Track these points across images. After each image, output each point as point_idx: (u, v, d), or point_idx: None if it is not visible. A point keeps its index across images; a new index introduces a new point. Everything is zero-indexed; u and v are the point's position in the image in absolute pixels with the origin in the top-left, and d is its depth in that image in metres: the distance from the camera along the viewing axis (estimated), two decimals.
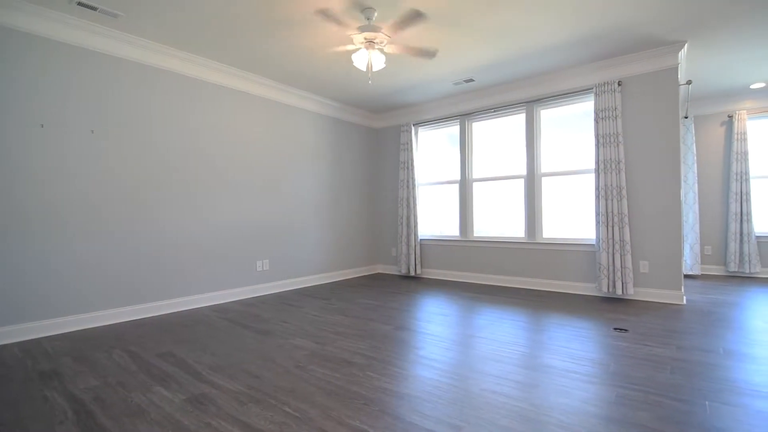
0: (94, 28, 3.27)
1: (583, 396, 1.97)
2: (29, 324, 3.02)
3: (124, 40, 3.47)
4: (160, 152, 3.77)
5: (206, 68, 4.08)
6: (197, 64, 3.98)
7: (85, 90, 3.31)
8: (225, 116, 4.30)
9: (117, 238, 3.48)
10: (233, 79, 4.33)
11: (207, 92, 4.14)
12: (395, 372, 2.31)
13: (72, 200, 3.24)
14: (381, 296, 4.46)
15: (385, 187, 6.33)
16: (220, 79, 4.22)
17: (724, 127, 5.73)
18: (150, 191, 3.70)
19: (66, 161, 3.21)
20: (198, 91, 4.06)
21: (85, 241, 3.31)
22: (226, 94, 4.31)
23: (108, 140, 3.44)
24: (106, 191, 3.43)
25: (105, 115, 3.43)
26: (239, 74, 4.32)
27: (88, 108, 3.33)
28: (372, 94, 5.27)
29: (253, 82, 4.51)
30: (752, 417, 1.76)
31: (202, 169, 4.09)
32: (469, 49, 3.89)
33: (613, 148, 4.15)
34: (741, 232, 5.44)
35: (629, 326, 3.16)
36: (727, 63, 4.34)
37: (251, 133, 4.56)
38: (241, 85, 4.42)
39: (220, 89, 4.25)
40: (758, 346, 2.68)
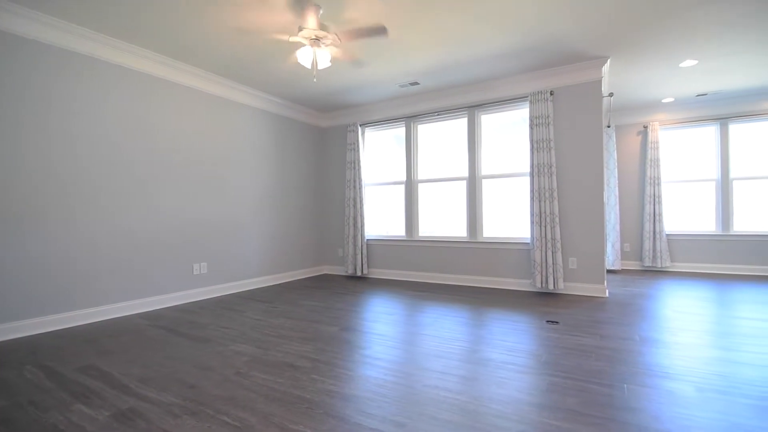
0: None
1: (518, 386, 2.09)
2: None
3: (24, 15, 3.12)
4: (73, 146, 3.43)
5: (129, 54, 3.77)
6: (115, 48, 3.67)
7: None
8: (156, 109, 4.01)
9: (27, 241, 3.12)
10: (165, 69, 4.05)
11: (130, 80, 3.84)
12: (340, 373, 2.29)
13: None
14: (327, 297, 4.41)
15: (331, 186, 6.27)
16: (149, 68, 3.93)
17: (641, 136, 6.36)
18: (64, 189, 3.35)
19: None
20: (119, 79, 3.75)
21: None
22: (156, 84, 4.02)
23: (3, 130, 3.07)
24: (14, 190, 3.06)
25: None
26: (171, 63, 4.06)
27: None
28: (318, 93, 5.20)
29: (191, 74, 4.25)
30: (663, 396, 1.96)
31: (129, 166, 3.78)
32: (413, 54, 3.97)
33: (546, 153, 4.44)
34: (654, 230, 6.07)
35: (560, 318, 3.40)
36: (643, 79, 4.83)
37: (188, 128, 4.30)
38: (176, 76, 4.15)
39: (148, 79, 3.96)
40: (668, 332, 3.00)
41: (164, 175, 4.06)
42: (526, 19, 3.33)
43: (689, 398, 1.93)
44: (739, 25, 3.46)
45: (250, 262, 5.01)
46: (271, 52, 3.89)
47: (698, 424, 1.70)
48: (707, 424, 1.70)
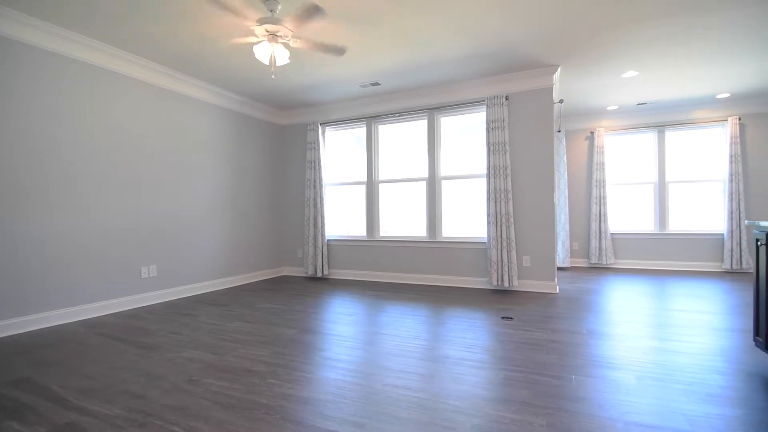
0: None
1: (474, 381, 2.15)
2: None
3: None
4: (7, 140, 3.14)
5: (66, 41, 3.51)
6: (50, 33, 3.41)
7: None
8: (100, 103, 3.75)
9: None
10: (110, 59, 3.80)
11: (66, 70, 3.57)
12: (299, 377, 2.25)
13: None
14: (286, 299, 4.31)
15: (291, 186, 6.15)
16: (90, 57, 3.68)
17: (588, 141, 6.75)
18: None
19: None
20: (62, 69, 3.48)
21: None
22: (99, 75, 3.76)
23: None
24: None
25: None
26: (121, 55, 3.82)
27: None
28: (277, 90, 5.09)
29: (140, 66, 4.02)
30: (607, 385, 2.09)
31: (65, 164, 3.52)
32: (374, 54, 3.98)
33: (502, 156, 4.60)
34: (600, 230, 6.46)
35: (514, 314, 3.53)
36: (590, 87, 5.12)
37: (136, 124, 4.06)
38: (123, 67, 3.90)
39: (89, 69, 3.70)
40: (611, 325, 3.19)
41: (109, 174, 3.81)
42: (484, 25, 3.44)
43: (630, 386, 2.07)
44: (675, 41, 3.75)
45: (204, 264, 4.81)
46: (227, 46, 3.76)
47: (638, 409, 1.82)
48: (645, 409, 1.83)
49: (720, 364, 2.35)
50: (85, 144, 3.62)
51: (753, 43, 3.82)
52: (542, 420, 1.74)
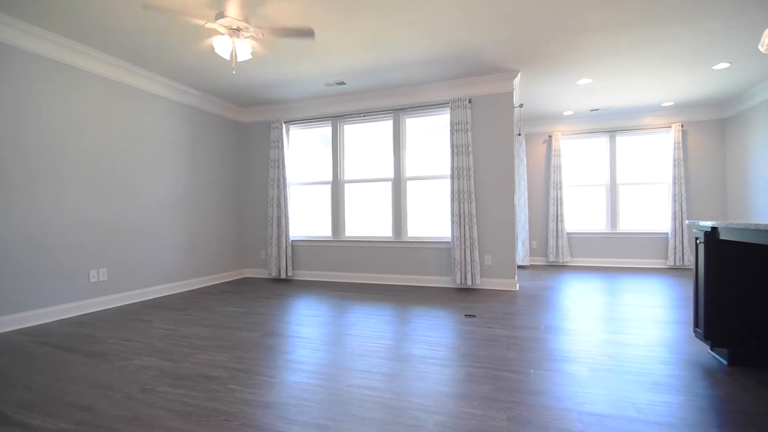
0: None
1: (438, 378, 2.17)
2: None
3: None
4: None
5: (5, 27, 3.25)
6: (6, 24, 3.14)
7: None
8: (48, 95, 3.49)
9: None
10: (57, 49, 3.55)
11: (17, 61, 3.31)
12: (261, 381, 2.19)
13: None
14: (248, 302, 4.19)
15: (254, 185, 5.98)
16: (35, 47, 3.42)
17: (546, 145, 7.03)
18: None
19: None
20: (3, 59, 3.21)
21: None
22: (42, 66, 3.50)
23: None
24: None
25: None
26: (65, 43, 3.57)
27: None
28: (238, 86, 4.94)
29: (91, 57, 3.77)
30: (564, 378, 2.18)
31: (2, 158, 3.24)
32: (339, 53, 3.95)
33: (465, 157, 4.70)
34: (557, 229, 6.74)
35: (477, 312, 3.61)
36: (547, 92, 5.34)
37: (85, 119, 3.80)
38: (72, 58, 3.65)
39: (32, 59, 3.44)
40: (568, 320, 3.34)
41: (53, 172, 3.55)
42: (448, 29, 3.49)
43: (584, 378, 2.17)
44: (624, 51, 3.98)
45: (159, 267, 4.59)
46: (186, 38, 3.60)
47: (591, 400, 1.91)
48: (598, 399, 1.92)
49: (664, 354, 2.52)
50: (27, 139, 3.36)
51: (690, 56, 4.12)
52: (503, 414, 1.79)
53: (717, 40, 3.77)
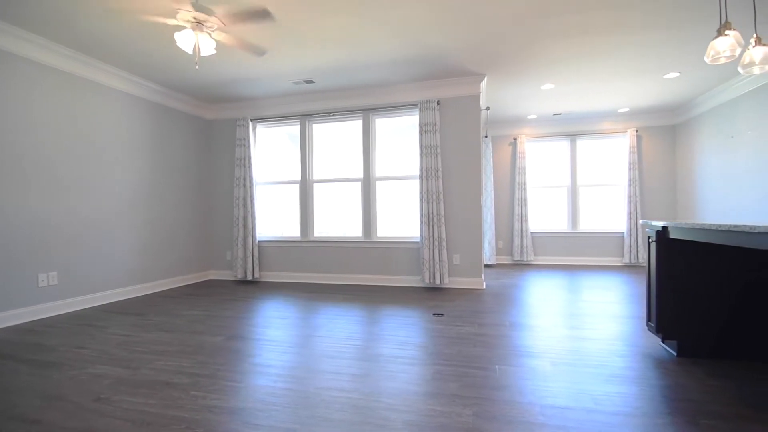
0: None
1: (407, 378, 2.19)
2: None
3: None
4: None
5: None
6: None
7: None
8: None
9: None
10: (14, 42, 3.30)
11: None
12: (225, 386, 2.12)
13: None
14: (212, 305, 4.06)
15: (218, 185, 5.80)
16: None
17: (511, 147, 7.23)
18: None
19: None
20: None
21: None
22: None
23: None
24: None
25: None
26: (13, 32, 3.32)
27: None
28: (202, 82, 4.77)
29: (44, 48, 3.53)
30: (527, 373, 2.24)
31: None
32: (308, 52, 3.90)
33: (434, 158, 4.76)
34: (522, 229, 6.95)
35: (445, 311, 3.67)
36: (513, 96, 5.49)
37: (35, 112, 3.55)
38: (22, 49, 3.40)
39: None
40: (531, 317, 3.45)
41: (15, 167, 3.30)
42: (417, 31, 3.52)
43: (547, 372, 2.24)
44: (584, 59, 4.16)
45: (117, 270, 4.36)
46: (147, 31, 3.45)
47: (553, 393, 1.98)
48: (559, 392, 1.99)
49: (620, 347, 2.65)
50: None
51: (644, 65, 4.36)
52: (469, 410, 1.82)
53: (668, 51, 4.01)
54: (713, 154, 5.52)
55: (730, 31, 2.30)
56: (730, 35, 2.30)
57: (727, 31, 2.31)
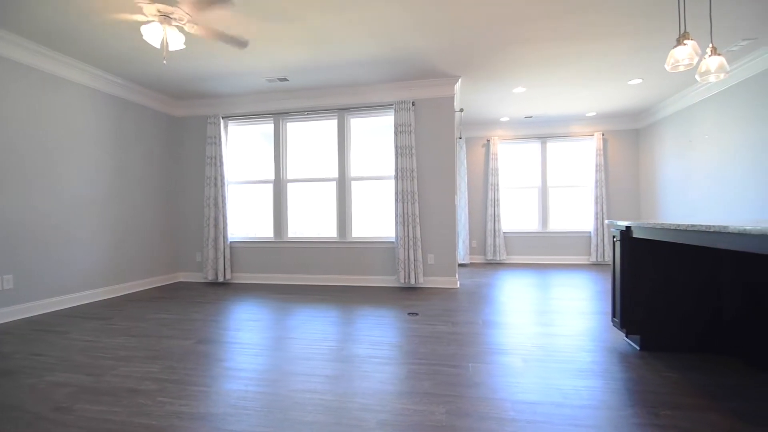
0: None
1: (381, 377, 2.19)
2: None
3: None
4: None
5: None
6: None
7: None
8: None
9: None
10: None
11: None
12: (195, 392, 2.06)
13: None
14: (181, 308, 3.94)
15: (188, 184, 5.63)
16: None
17: (484, 148, 7.37)
18: None
19: None
20: None
21: None
22: None
23: None
24: None
25: None
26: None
27: None
28: (171, 77, 4.62)
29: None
30: (499, 370, 2.29)
31: None
32: (282, 48, 3.84)
33: (409, 159, 4.79)
34: (494, 229, 7.09)
35: (419, 310, 3.69)
36: (486, 99, 5.59)
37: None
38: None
39: None
40: (504, 315, 3.52)
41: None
42: (392, 32, 3.53)
43: (518, 369, 2.30)
44: (553, 64, 4.28)
45: (78, 273, 4.16)
46: (113, 24, 3.30)
47: (524, 389, 2.03)
48: (530, 388, 2.04)
49: (587, 343, 2.74)
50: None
51: (609, 71, 4.53)
52: (442, 408, 1.84)
53: (632, 58, 4.18)
54: (673, 158, 5.80)
55: (689, 40, 2.42)
56: (688, 45, 2.42)
57: (685, 40, 2.43)
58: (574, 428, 1.66)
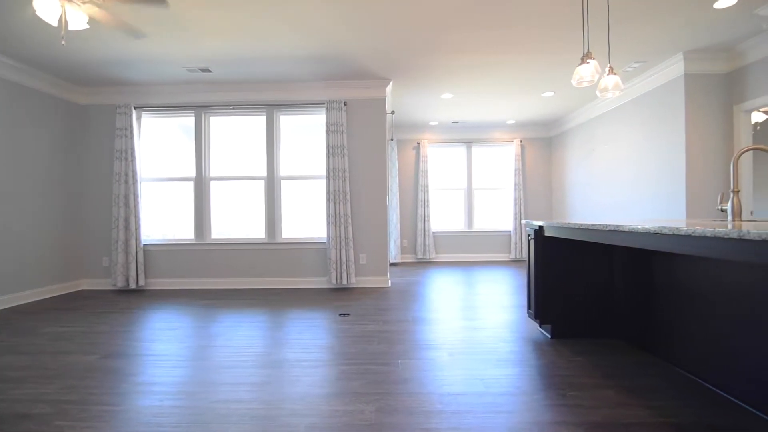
0: None
1: (311, 381, 2.15)
2: None
3: None
4: None
5: None
6: None
7: None
8: None
9: None
10: None
11: None
12: (100, 412, 1.85)
13: None
14: (83, 319, 3.52)
15: (93, 180, 5.04)
16: None
17: (415, 151, 7.59)
18: None
19: None
20: None
21: None
22: None
23: None
24: None
25: None
26: None
27: None
28: (72, 60, 4.10)
29: None
30: (427, 365, 2.37)
31: None
32: (202, 37, 3.60)
33: (340, 159, 4.77)
34: (424, 229, 7.34)
35: (351, 310, 3.69)
36: (415, 103, 5.76)
37: None
38: None
39: None
40: (432, 311, 3.65)
41: None
42: (319, 30, 3.48)
43: (445, 363, 2.39)
44: (476, 73, 4.54)
45: None
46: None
47: (450, 381, 2.12)
48: (455, 380, 2.14)
49: (506, 334, 2.95)
50: None
51: (526, 83, 4.93)
52: (372, 407, 1.85)
53: (545, 73, 4.58)
54: (579, 164, 6.46)
55: (591, 60, 2.71)
56: (591, 63, 2.70)
57: (588, 59, 2.71)
58: (495, 415, 1.77)
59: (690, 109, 4.08)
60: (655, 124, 4.55)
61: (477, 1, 3.06)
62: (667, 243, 1.50)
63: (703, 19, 3.35)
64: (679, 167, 4.18)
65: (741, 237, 1.15)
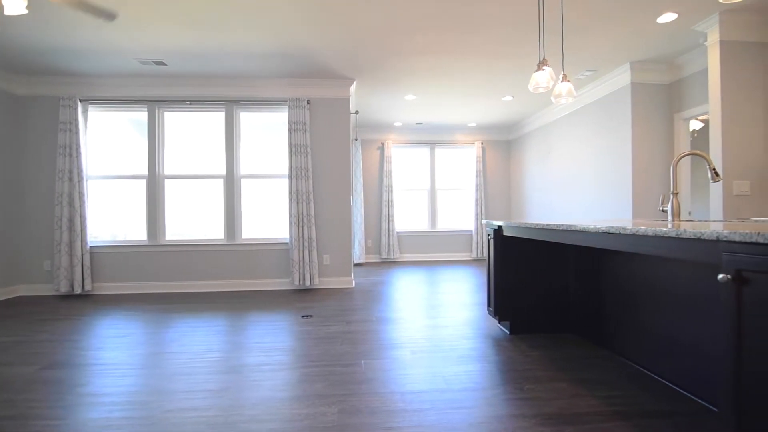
0: None
1: (272, 385, 2.10)
2: None
3: None
4: None
5: None
6: None
7: None
8: None
9: None
10: None
11: None
12: (41, 426, 1.71)
13: None
14: (21, 328, 3.25)
15: (32, 178, 4.66)
16: None
17: (379, 151, 7.61)
18: None
19: None
20: None
21: None
22: None
23: None
24: None
25: None
26: None
27: None
28: (9, 46, 3.78)
29: None
30: (390, 364, 2.37)
31: None
32: (155, 27, 3.43)
33: (304, 158, 4.70)
34: (389, 229, 7.37)
35: (314, 312, 3.64)
36: (380, 103, 5.78)
37: None
38: None
39: None
40: (396, 311, 3.67)
41: None
42: (282, 26, 3.41)
43: (407, 361, 2.41)
44: (438, 75, 4.62)
45: None
46: None
47: (413, 379, 2.14)
48: (418, 378, 2.16)
49: (467, 331, 3.01)
50: None
51: (486, 87, 5.07)
52: (335, 408, 1.84)
53: (504, 78, 4.73)
54: (536, 167, 6.73)
55: (547, 67, 2.83)
56: (546, 70, 2.82)
57: (544, 66, 2.82)
58: (455, 411, 1.80)
59: (636, 116, 4.36)
60: (605, 130, 4.82)
61: (443, 7, 3.11)
62: (615, 242, 1.60)
63: (647, 32, 3.59)
64: (626, 170, 4.45)
65: (679, 236, 1.24)
